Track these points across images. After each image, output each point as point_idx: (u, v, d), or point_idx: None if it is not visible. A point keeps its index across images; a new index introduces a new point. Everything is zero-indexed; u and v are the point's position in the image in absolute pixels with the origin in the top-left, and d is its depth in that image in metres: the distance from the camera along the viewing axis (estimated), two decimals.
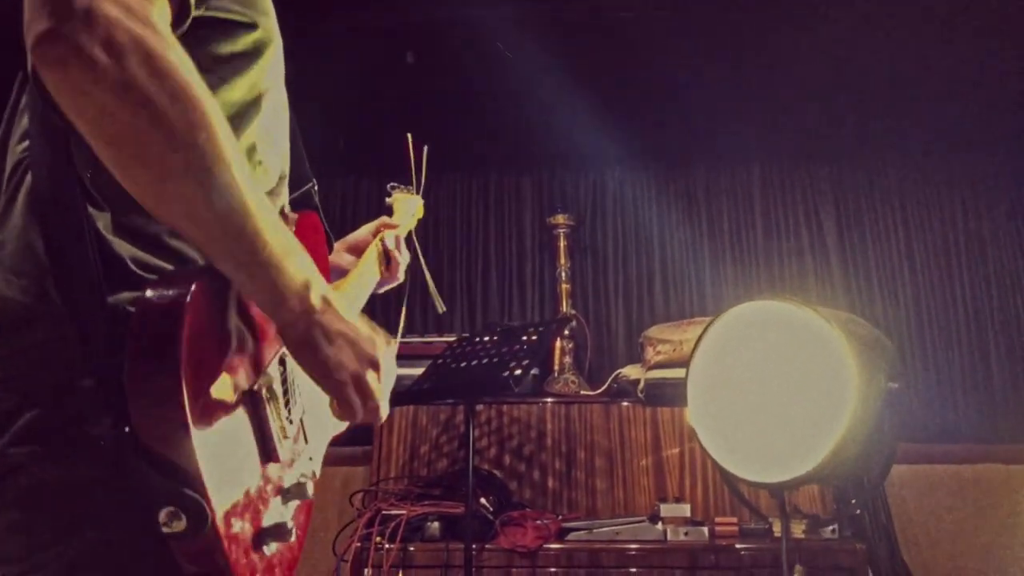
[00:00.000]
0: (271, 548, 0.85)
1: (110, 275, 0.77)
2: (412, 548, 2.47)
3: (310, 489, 0.93)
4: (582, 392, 3.06)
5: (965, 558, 3.05)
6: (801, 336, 1.90)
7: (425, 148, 1.65)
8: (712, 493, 2.83)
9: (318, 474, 1.07)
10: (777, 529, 2.30)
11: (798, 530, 1.87)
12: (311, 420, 1.03)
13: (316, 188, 1.14)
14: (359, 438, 3.09)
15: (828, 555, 2.39)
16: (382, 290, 1.35)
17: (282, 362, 0.94)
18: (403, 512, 2.57)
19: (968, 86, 3.08)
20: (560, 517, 2.69)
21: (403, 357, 3.10)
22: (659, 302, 3.37)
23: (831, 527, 2.42)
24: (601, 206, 3.48)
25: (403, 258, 1.49)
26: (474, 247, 3.44)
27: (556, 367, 3.13)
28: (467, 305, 3.41)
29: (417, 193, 1.63)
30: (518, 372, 2.41)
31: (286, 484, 0.91)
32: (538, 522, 2.61)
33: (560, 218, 3.30)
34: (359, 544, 2.46)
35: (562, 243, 3.29)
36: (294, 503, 0.93)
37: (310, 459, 1.03)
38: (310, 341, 0.81)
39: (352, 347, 0.84)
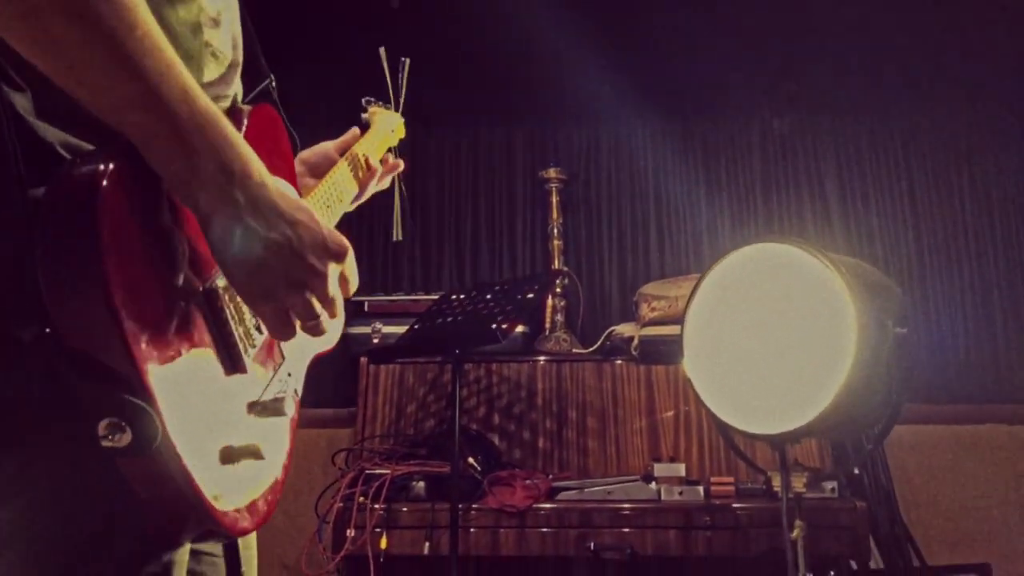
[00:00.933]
0: (244, 469, 0.75)
1: (35, 163, 0.67)
2: (397, 508, 2.38)
3: (289, 407, 0.82)
4: (574, 351, 2.96)
5: (965, 519, 2.97)
6: (802, 279, 1.80)
7: (406, 61, 1.50)
8: (708, 453, 2.75)
9: (299, 392, 0.96)
10: (776, 484, 2.21)
11: (799, 484, 1.78)
12: None
13: (275, 84, 1.03)
14: (343, 399, 3.00)
15: (828, 514, 2.31)
16: (354, 206, 1.22)
17: None
18: (387, 472, 2.48)
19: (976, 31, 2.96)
20: (550, 477, 2.60)
21: (390, 315, 3.03)
22: (654, 259, 3.27)
23: (831, 485, 2.34)
24: (595, 160, 3.36)
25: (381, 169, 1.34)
26: (463, 203, 3.33)
27: (547, 325, 3.03)
28: (456, 263, 3.30)
29: (396, 110, 1.48)
30: (504, 325, 2.31)
31: (258, 398, 0.81)
32: (527, 481, 2.53)
33: (552, 172, 3.19)
34: (341, 504, 2.37)
35: (554, 198, 3.18)
36: (270, 421, 0.82)
37: (288, 375, 0.92)
38: (232, 220, 0.69)
39: (297, 228, 0.72)
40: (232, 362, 0.77)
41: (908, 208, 3.29)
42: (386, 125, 1.39)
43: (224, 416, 0.75)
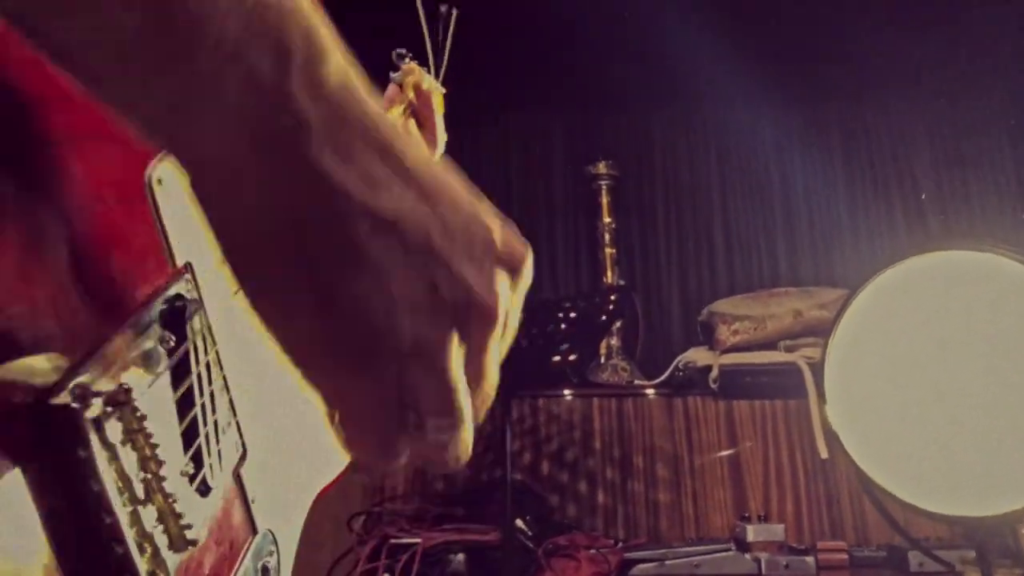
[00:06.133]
0: None
1: None
2: None
3: None
4: (636, 382, 2.48)
5: None
6: (1014, 301, 1.29)
7: (452, 12, 1.17)
8: (806, 509, 2.28)
9: None
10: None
11: None
12: (263, 467, 0.45)
13: None
14: None
15: None
16: None
17: (174, 315, 0.38)
18: (417, 540, 2.00)
19: None
20: (619, 544, 2.12)
21: None
22: (721, 271, 2.78)
23: None
24: (648, 152, 2.87)
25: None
26: (494, 203, 2.81)
27: (602, 351, 2.53)
28: None
29: (436, 77, 1.11)
30: (572, 357, 1.82)
31: None
32: (592, 551, 2.05)
33: (601, 167, 2.70)
34: None
35: (604, 198, 2.69)
36: None
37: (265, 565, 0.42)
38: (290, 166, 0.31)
39: (441, 203, 0.34)
40: None
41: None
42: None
43: None
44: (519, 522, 2.16)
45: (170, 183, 0.38)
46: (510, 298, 0.38)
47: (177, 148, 0.31)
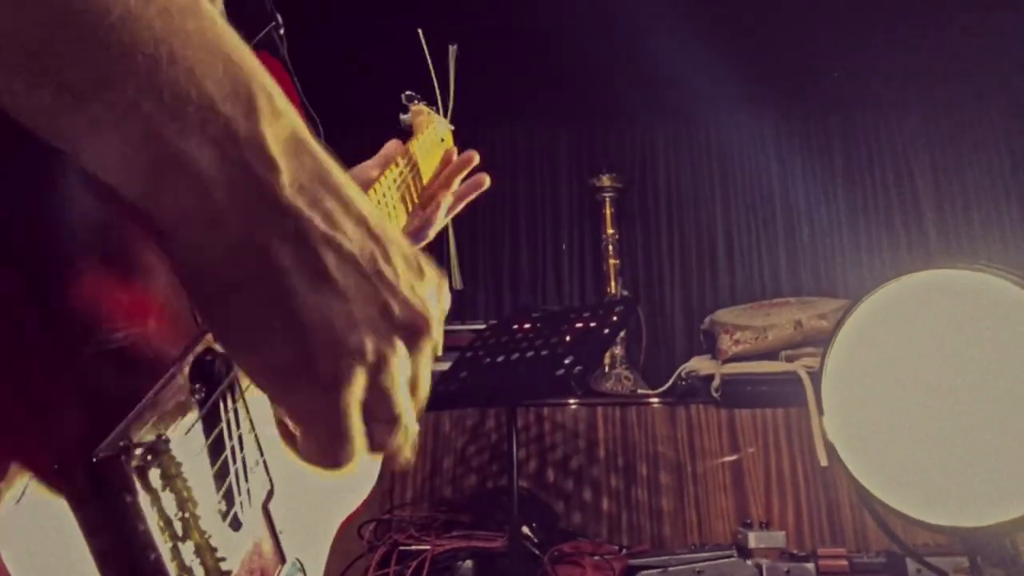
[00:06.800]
0: None
1: None
2: None
3: None
4: (639, 391, 2.50)
5: None
6: (1005, 320, 1.33)
7: (453, 49, 1.14)
8: (806, 516, 2.30)
9: None
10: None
11: None
12: (289, 501, 0.49)
13: (283, 31, 0.63)
14: None
15: None
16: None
17: (204, 368, 0.42)
18: (427, 547, 2.03)
19: None
20: (623, 550, 2.14)
21: None
22: (723, 281, 2.80)
23: None
24: (651, 164, 2.90)
25: (445, 201, 0.98)
26: (500, 214, 2.86)
27: (606, 361, 2.56)
28: (492, 284, 2.84)
29: (443, 115, 1.12)
30: (577, 369, 1.85)
31: None
32: (597, 557, 2.07)
33: (606, 179, 2.73)
34: None
35: (608, 209, 2.72)
36: None
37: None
38: (268, 264, 0.36)
39: (381, 241, 0.40)
40: None
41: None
42: (435, 133, 0.99)
43: None
44: (525, 529, 2.18)
45: None
46: (438, 313, 0.43)
47: (161, 210, 0.35)
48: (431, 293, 0.42)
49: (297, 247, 0.36)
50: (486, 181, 1.00)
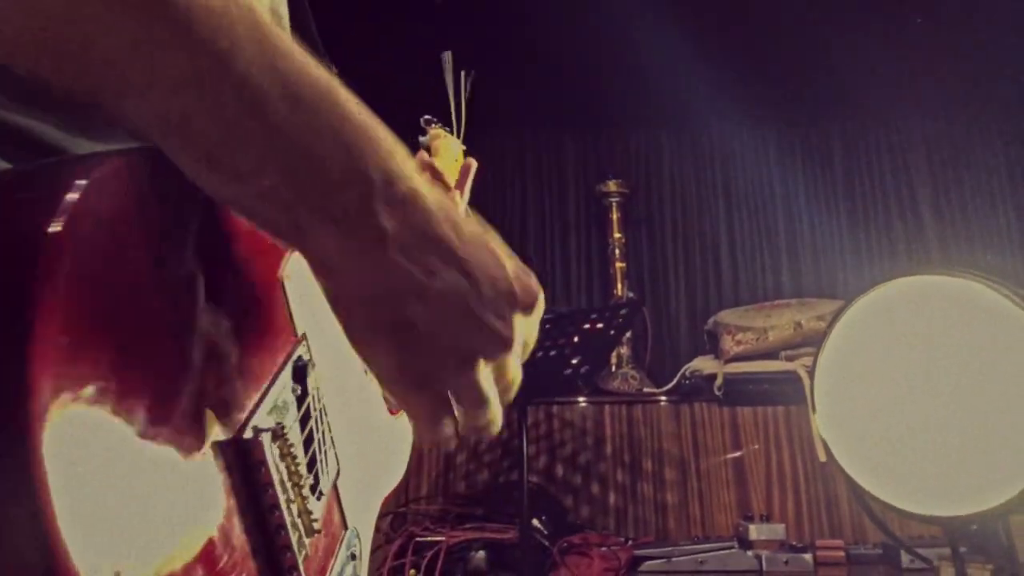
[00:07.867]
0: None
1: None
2: None
3: None
4: (645, 390, 2.60)
5: None
6: (992, 324, 1.42)
7: (469, 74, 1.22)
8: (806, 509, 2.39)
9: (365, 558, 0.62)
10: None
11: None
12: (350, 479, 0.59)
13: (335, 72, 0.71)
14: None
15: None
16: None
17: (299, 371, 0.51)
18: (442, 539, 2.12)
19: None
20: (629, 542, 2.24)
21: None
22: (727, 283, 2.90)
23: None
24: (656, 170, 2.99)
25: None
26: (508, 219, 2.96)
27: (613, 360, 2.66)
28: None
29: (458, 135, 1.18)
30: (584, 369, 1.95)
31: None
32: (604, 548, 2.17)
33: (612, 185, 2.83)
34: None
35: (614, 214, 2.81)
36: None
37: (352, 556, 0.58)
38: (374, 264, 0.43)
39: (469, 267, 0.45)
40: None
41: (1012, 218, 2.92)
42: (450, 154, 1.08)
43: None
44: (535, 522, 2.27)
45: (293, 277, 0.53)
46: (526, 329, 0.49)
47: (307, 253, 0.45)
48: (518, 310, 0.48)
49: (396, 293, 0.44)
50: (473, 164, 1.10)
